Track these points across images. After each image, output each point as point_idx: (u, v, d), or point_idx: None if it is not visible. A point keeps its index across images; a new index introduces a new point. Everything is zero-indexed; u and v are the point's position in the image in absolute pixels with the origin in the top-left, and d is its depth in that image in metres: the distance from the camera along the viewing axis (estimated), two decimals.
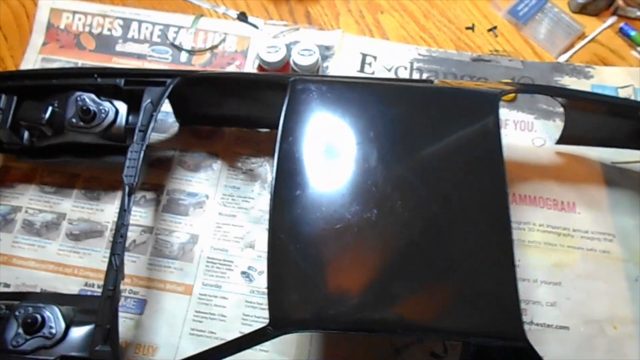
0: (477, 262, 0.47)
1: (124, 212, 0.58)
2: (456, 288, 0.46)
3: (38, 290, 0.68)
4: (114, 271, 0.55)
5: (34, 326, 0.54)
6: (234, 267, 0.69)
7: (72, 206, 0.72)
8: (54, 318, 0.56)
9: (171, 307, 0.67)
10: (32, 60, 0.81)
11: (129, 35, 0.82)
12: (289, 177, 0.50)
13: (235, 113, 0.74)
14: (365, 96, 0.55)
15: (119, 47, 0.82)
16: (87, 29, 0.83)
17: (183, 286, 0.68)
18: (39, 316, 0.55)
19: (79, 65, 0.81)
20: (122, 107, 0.67)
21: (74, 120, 0.65)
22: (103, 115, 0.65)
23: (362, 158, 0.51)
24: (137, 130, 0.63)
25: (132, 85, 0.65)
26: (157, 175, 0.74)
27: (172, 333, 0.65)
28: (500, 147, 0.52)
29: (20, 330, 0.55)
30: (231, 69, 0.80)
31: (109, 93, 0.67)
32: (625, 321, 0.64)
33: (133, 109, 0.67)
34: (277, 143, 0.53)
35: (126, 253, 0.64)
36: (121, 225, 0.57)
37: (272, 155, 0.67)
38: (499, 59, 0.82)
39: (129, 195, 0.59)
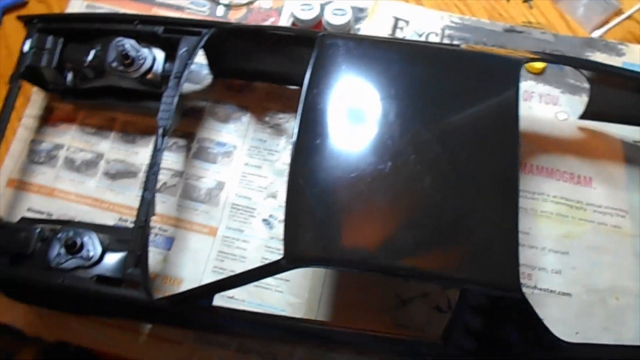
0: (482, 218, 0.50)
1: (157, 152, 0.62)
2: (460, 241, 0.50)
3: (77, 220, 0.74)
4: (146, 205, 0.60)
5: (74, 247, 0.61)
6: (256, 214, 0.73)
7: (109, 147, 0.77)
8: (92, 243, 0.62)
9: (196, 245, 0.72)
10: (77, 6, 0.85)
11: None
12: (311, 126, 0.54)
13: (267, 68, 0.76)
14: (391, 55, 0.57)
15: None
16: None
17: (208, 228, 0.73)
18: (79, 239, 0.61)
19: (121, 12, 0.85)
20: (159, 54, 0.71)
21: (114, 64, 0.69)
22: (141, 61, 0.69)
23: (382, 113, 0.55)
24: (172, 77, 0.66)
25: (170, 33, 0.68)
26: (189, 123, 0.78)
27: (196, 269, 0.71)
28: (517, 113, 0.54)
29: (62, 251, 0.61)
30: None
31: (148, 40, 0.70)
32: (628, 293, 0.67)
33: (170, 57, 0.70)
34: (302, 93, 0.56)
35: (157, 194, 0.70)
36: (154, 164, 0.61)
37: None
38: (531, 31, 0.82)
39: (162, 136, 0.63)
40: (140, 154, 0.77)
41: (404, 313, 0.68)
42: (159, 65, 0.70)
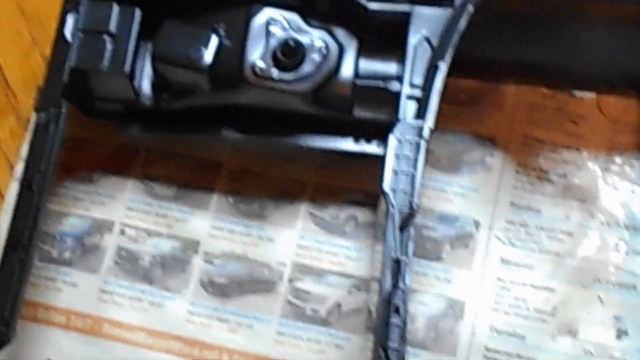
0: None
1: (395, 264, 0.58)
2: None
3: None
4: None
5: None
6: None
7: (208, 226, 0.74)
8: None
9: None
10: None
11: None
12: None
13: (531, 58, 0.73)
14: None
15: None
16: None
17: None
18: None
19: None
20: (349, 43, 0.67)
21: (261, 64, 0.64)
22: (316, 57, 0.64)
23: None
24: (402, 97, 0.62)
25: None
26: (371, 173, 0.72)
27: None
28: None
29: None
30: None
31: (324, 15, 0.67)
32: None
33: (365, 47, 0.67)
34: None
35: (320, 328, 0.71)
36: (394, 289, 0.58)
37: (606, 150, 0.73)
38: None
39: (402, 229, 0.59)
40: (279, 242, 0.73)
41: None
42: (348, 66, 0.66)
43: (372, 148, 0.68)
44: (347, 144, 0.69)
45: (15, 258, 0.62)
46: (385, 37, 0.67)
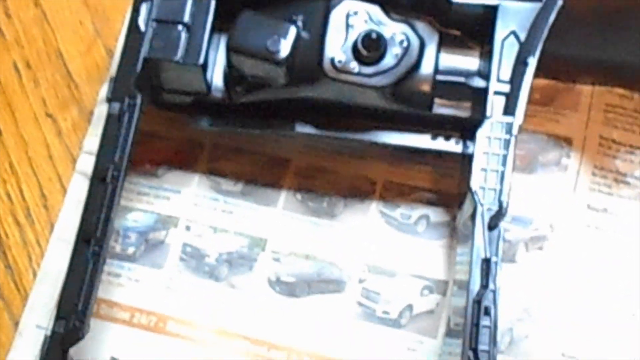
0: None
1: (484, 264, 0.56)
2: None
3: None
4: None
5: None
6: None
7: (277, 224, 0.72)
8: None
9: None
10: None
11: None
12: None
13: (609, 58, 0.70)
14: None
15: None
16: None
17: None
18: None
19: None
20: (429, 38, 0.65)
21: (340, 57, 0.63)
22: (397, 51, 0.62)
23: None
24: (490, 93, 0.60)
25: None
26: (443, 172, 0.73)
27: None
28: None
29: None
30: None
31: (405, 8, 0.65)
32: None
33: (446, 42, 0.66)
34: None
35: (391, 330, 0.68)
36: (484, 290, 0.56)
37: None
38: None
39: (492, 228, 0.58)
40: (348, 242, 0.72)
41: None
42: (429, 61, 0.64)
43: (451, 145, 0.67)
44: (425, 141, 0.68)
45: (89, 252, 0.60)
46: (467, 31, 0.66)
